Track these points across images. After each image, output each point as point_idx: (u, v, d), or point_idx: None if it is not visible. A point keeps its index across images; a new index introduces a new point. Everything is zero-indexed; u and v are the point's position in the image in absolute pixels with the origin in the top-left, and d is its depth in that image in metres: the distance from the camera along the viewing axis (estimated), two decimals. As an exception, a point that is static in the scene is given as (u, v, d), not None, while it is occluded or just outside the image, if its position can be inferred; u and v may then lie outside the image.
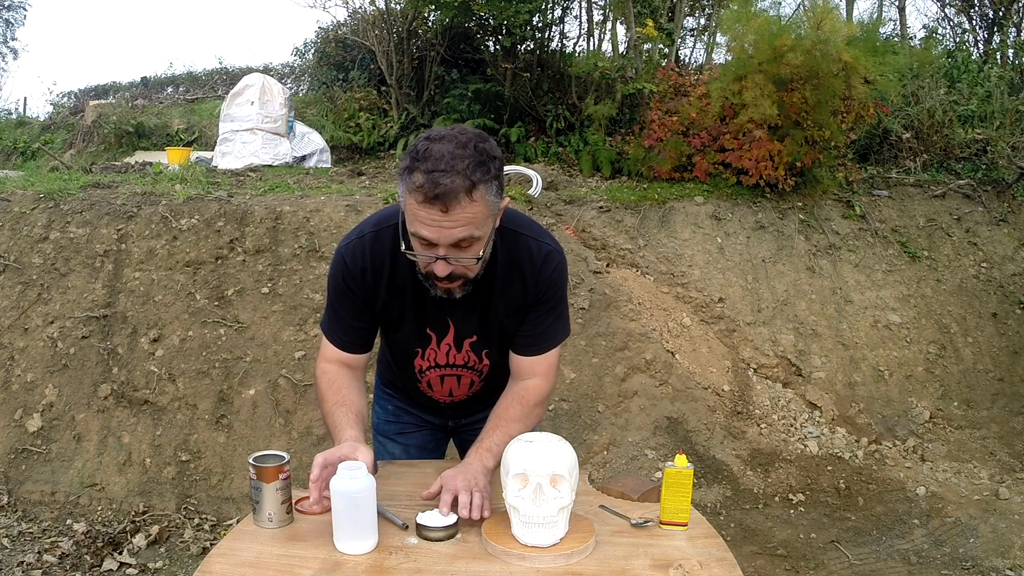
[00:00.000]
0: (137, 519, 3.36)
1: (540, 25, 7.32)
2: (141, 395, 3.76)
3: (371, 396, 1.98)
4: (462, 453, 2.09)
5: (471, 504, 1.44)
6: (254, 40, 29.59)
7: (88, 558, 3.05)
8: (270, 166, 6.76)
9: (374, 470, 1.47)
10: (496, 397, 1.75)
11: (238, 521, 2.85)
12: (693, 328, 4.51)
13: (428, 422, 2.00)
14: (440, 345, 1.72)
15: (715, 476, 3.78)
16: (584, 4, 7.72)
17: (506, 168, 5.81)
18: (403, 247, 1.50)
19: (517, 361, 1.71)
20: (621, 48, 7.46)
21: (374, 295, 1.64)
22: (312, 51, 10.34)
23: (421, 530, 1.40)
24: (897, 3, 7.92)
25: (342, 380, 1.70)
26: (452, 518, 1.41)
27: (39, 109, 14.44)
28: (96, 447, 3.62)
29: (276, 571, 1.31)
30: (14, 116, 11.67)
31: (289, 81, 10.74)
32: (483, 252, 1.48)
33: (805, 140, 5.10)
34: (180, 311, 4.01)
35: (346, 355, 1.71)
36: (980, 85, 6.61)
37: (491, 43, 7.53)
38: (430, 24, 7.81)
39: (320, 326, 1.75)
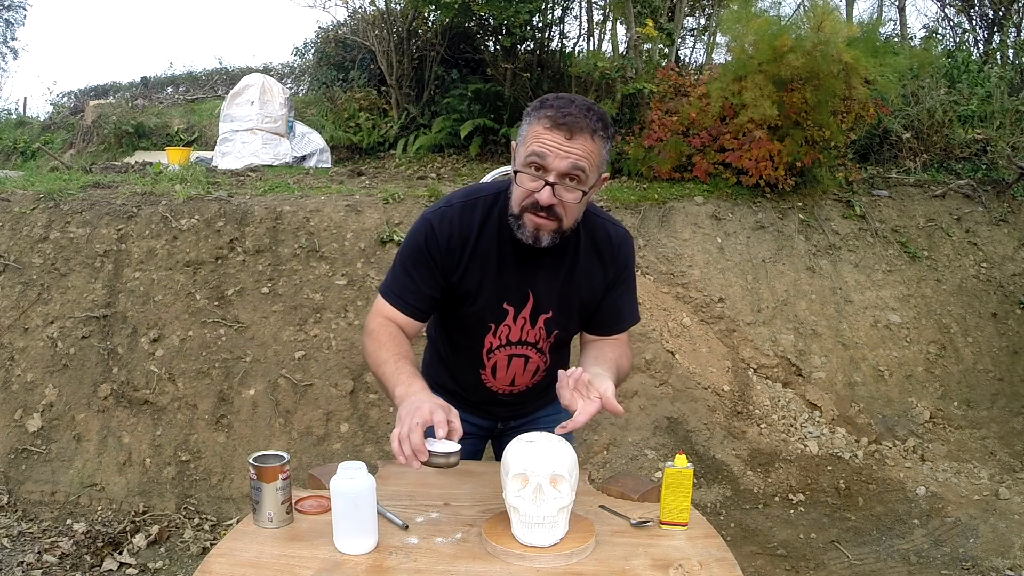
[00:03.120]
0: (137, 519, 3.36)
1: (540, 25, 7.32)
2: (141, 395, 3.76)
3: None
4: (498, 456, 2.05)
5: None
6: (254, 40, 29.63)
7: (88, 558, 3.05)
8: (270, 166, 6.77)
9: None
10: (549, 396, 1.78)
11: (238, 521, 2.85)
12: (693, 328, 4.51)
13: (475, 427, 1.95)
14: (516, 320, 1.72)
15: (715, 476, 3.78)
16: (584, 4, 7.73)
17: (505, 168, 5.81)
18: (514, 174, 1.54)
19: (598, 341, 1.78)
20: (621, 48, 7.47)
21: (456, 264, 1.65)
22: (312, 51, 10.35)
23: (430, 456, 1.38)
24: (897, 3, 7.92)
25: (403, 338, 1.66)
26: (455, 447, 1.40)
27: (39, 109, 14.44)
28: (96, 447, 3.62)
29: (276, 571, 1.31)
30: (14, 116, 11.67)
31: (289, 81, 10.75)
32: (583, 198, 1.54)
33: (805, 140, 5.10)
34: (180, 311, 4.01)
35: (404, 318, 1.68)
36: (980, 85, 6.61)
37: (491, 43, 7.54)
38: (430, 24, 7.82)
39: (379, 291, 1.72)
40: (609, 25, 7.84)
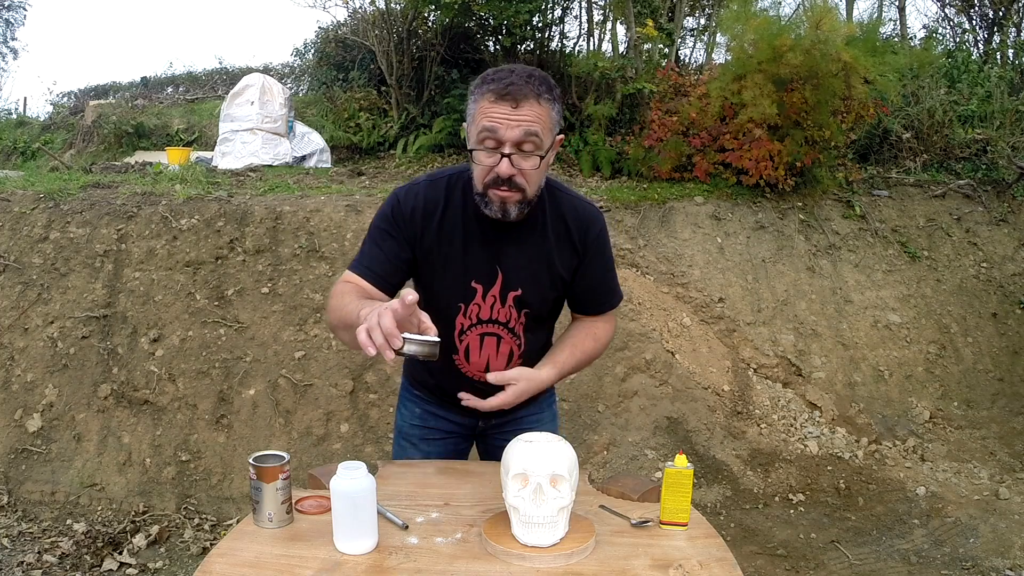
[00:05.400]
0: (137, 519, 3.37)
1: (540, 25, 7.32)
2: (141, 395, 3.76)
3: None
4: (483, 457, 2.03)
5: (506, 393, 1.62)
6: (254, 40, 29.59)
7: (88, 558, 3.05)
8: (270, 166, 6.77)
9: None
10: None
11: (238, 521, 2.85)
12: (693, 328, 4.51)
13: (456, 426, 1.95)
14: (485, 297, 1.72)
15: (715, 476, 3.78)
16: (584, 4, 7.72)
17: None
18: (470, 154, 1.57)
19: (579, 320, 1.85)
20: (621, 48, 7.47)
21: (421, 235, 1.67)
22: (312, 51, 10.35)
23: (405, 343, 1.30)
24: (897, 3, 7.92)
25: (368, 295, 1.63)
26: (435, 338, 1.34)
27: (39, 109, 14.44)
28: (96, 447, 3.62)
29: (276, 571, 1.31)
30: (14, 116, 11.67)
31: (289, 81, 10.74)
32: (542, 163, 1.56)
33: (805, 140, 5.10)
34: (180, 311, 4.01)
35: (366, 285, 1.65)
36: (980, 85, 6.61)
37: (491, 43, 7.53)
38: (430, 24, 7.81)
39: (348, 268, 1.70)
40: (609, 25, 7.85)
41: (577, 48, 7.91)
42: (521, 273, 1.71)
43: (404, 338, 1.29)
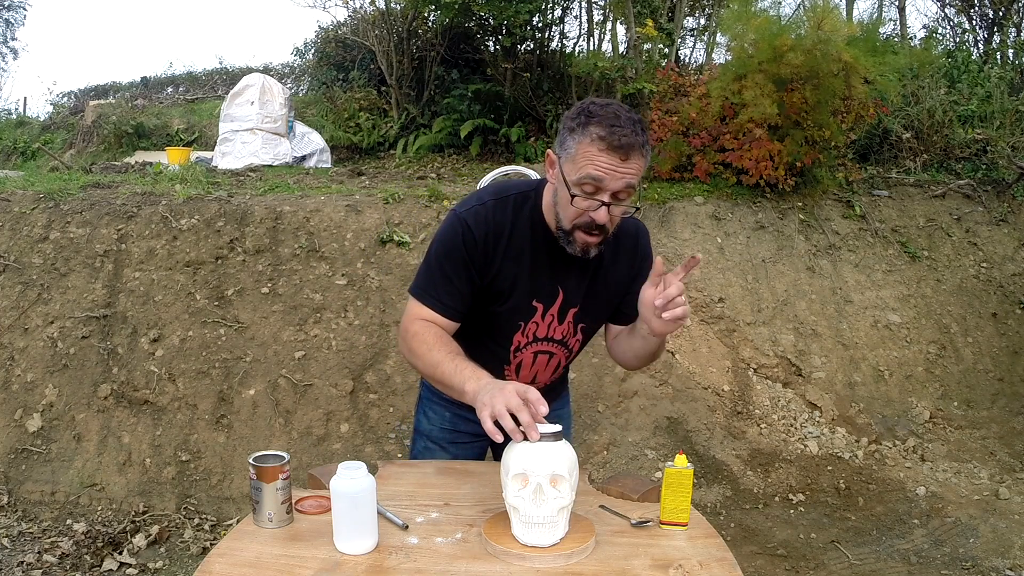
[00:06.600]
0: (137, 519, 3.36)
1: (540, 25, 7.32)
2: (141, 395, 3.76)
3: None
4: (497, 455, 2.04)
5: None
6: (254, 40, 29.58)
7: (88, 558, 3.05)
8: (270, 166, 6.77)
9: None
10: (555, 392, 1.87)
11: (238, 521, 2.85)
12: (693, 328, 4.51)
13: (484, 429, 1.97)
14: (544, 316, 1.73)
15: (715, 476, 3.78)
16: (584, 4, 7.73)
17: (506, 168, 5.80)
18: (570, 197, 1.55)
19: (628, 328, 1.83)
20: (621, 48, 7.47)
21: (491, 261, 1.65)
22: (312, 51, 10.36)
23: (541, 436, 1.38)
24: (897, 3, 7.92)
25: (448, 337, 1.64)
26: (557, 427, 1.41)
27: (39, 109, 14.46)
28: (96, 447, 3.62)
29: (276, 571, 1.31)
30: (14, 116, 11.67)
31: (289, 81, 10.75)
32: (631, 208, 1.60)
33: (805, 140, 5.10)
34: (180, 311, 4.01)
35: (443, 320, 1.66)
36: (980, 85, 6.61)
37: (491, 43, 7.54)
38: (430, 24, 7.82)
39: (411, 292, 1.69)
40: (609, 25, 7.85)
41: (577, 48, 7.92)
42: (581, 291, 1.73)
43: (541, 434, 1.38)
